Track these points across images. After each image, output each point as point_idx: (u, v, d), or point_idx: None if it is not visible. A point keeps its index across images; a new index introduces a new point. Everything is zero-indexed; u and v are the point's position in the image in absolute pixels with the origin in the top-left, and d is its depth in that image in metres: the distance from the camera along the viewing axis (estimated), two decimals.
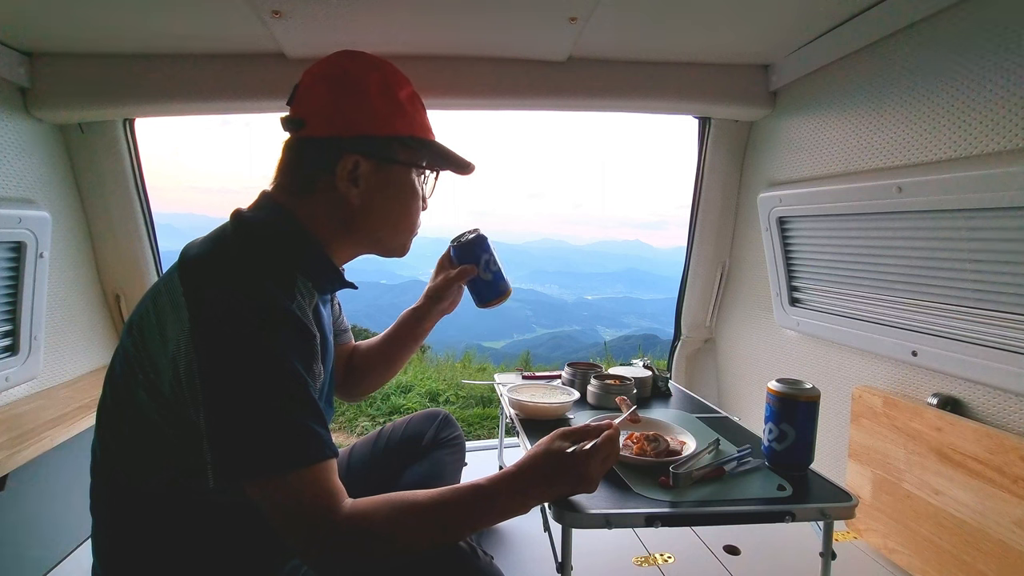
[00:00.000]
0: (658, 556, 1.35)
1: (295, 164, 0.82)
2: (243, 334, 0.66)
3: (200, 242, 0.78)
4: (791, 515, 0.86)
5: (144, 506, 0.76)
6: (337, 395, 1.17)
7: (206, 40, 1.44)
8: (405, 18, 1.33)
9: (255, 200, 0.82)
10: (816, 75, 1.50)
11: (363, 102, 0.79)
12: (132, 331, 0.74)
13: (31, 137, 1.49)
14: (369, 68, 0.81)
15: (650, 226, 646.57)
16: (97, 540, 0.80)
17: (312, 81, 0.81)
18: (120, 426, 0.76)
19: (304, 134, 0.80)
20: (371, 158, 0.80)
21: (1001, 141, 1.02)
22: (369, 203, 0.82)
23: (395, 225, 0.87)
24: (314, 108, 0.80)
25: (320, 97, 0.80)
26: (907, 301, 1.31)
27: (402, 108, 0.82)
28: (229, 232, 0.77)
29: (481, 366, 5.74)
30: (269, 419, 0.65)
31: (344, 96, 0.79)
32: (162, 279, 0.75)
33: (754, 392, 1.97)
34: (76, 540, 1.43)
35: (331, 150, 0.79)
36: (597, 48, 1.56)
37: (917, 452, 1.23)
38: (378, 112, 0.80)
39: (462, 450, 1.31)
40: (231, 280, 0.70)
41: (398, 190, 0.85)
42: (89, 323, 1.74)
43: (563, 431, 0.84)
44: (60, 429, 1.28)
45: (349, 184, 0.80)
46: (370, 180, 0.81)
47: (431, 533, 0.71)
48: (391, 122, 0.81)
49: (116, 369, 0.77)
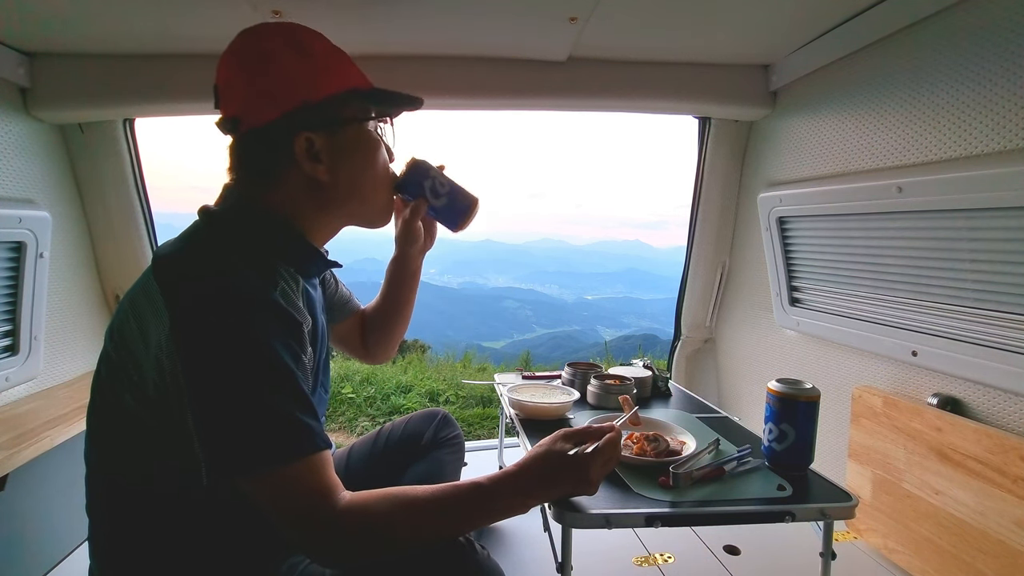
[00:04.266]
0: (658, 556, 1.35)
1: (249, 159, 0.79)
2: (224, 326, 0.64)
3: (172, 241, 0.77)
4: (791, 515, 0.86)
5: (141, 506, 0.76)
6: (366, 361, 1.24)
7: (206, 40, 1.44)
8: (405, 18, 1.33)
9: (219, 195, 0.80)
10: (816, 75, 1.50)
11: (283, 75, 0.75)
12: (113, 336, 0.73)
13: (31, 137, 1.49)
14: (271, 35, 0.77)
15: (650, 226, 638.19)
16: (94, 540, 0.79)
17: (226, 73, 0.77)
18: (111, 430, 0.75)
19: (244, 129, 0.77)
20: (320, 130, 0.76)
21: (1001, 141, 1.02)
22: (339, 173, 0.79)
23: (369, 185, 0.84)
24: (240, 101, 0.76)
25: (240, 88, 0.76)
26: (907, 301, 1.31)
27: (324, 65, 0.78)
28: (201, 228, 0.76)
29: (481, 366, 5.74)
30: (256, 413, 0.64)
31: (262, 77, 0.75)
32: (137, 283, 0.74)
33: (754, 392, 1.97)
34: (76, 540, 1.43)
35: (278, 135, 0.76)
36: (597, 48, 1.56)
37: (917, 452, 1.23)
38: (302, 78, 0.75)
39: (461, 450, 1.31)
40: (207, 273, 0.69)
41: (360, 149, 0.82)
42: (89, 323, 1.74)
43: (565, 432, 0.84)
44: (60, 429, 1.28)
45: (312, 163, 0.77)
46: (330, 151, 0.78)
47: (430, 529, 0.71)
48: (320, 84, 0.76)
49: (102, 374, 0.76)
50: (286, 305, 0.71)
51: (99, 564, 0.79)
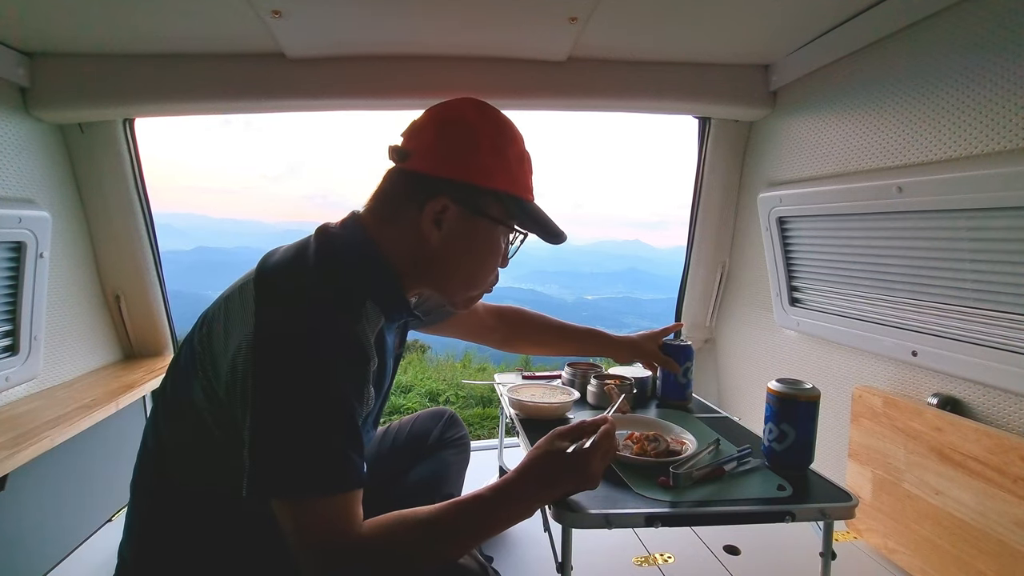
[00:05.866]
0: (658, 556, 1.35)
1: (389, 192, 0.82)
2: (297, 357, 0.67)
3: (282, 252, 0.79)
4: (791, 515, 0.86)
5: (184, 501, 0.78)
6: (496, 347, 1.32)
7: (206, 40, 1.44)
8: (405, 18, 1.33)
9: (343, 218, 0.84)
10: (816, 75, 1.50)
11: (470, 150, 0.79)
12: (203, 326, 0.76)
13: (31, 137, 1.49)
14: (486, 120, 0.82)
15: (650, 226, 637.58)
16: (133, 516, 0.82)
17: (429, 118, 0.82)
18: (175, 418, 0.78)
19: (406, 166, 0.80)
20: (461, 205, 0.79)
21: (1001, 141, 1.02)
22: (446, 249, 0.81)
23: (465, 277, 0.86)
24: (422, 143, 0.80)
25: (430, 134, 0.80)
26: (907, 301, 1.31)
27: (507, 165, 0.82)
28: (312, 246, 0.78)
29: (481, 366, 5.73)
30: (309, 441, 0.66)
31: (454, 140, 0.79)
32: (239, 281, 0.77)
33: (754, 392, 1.97)
34: (76, 540, 1.43)
35: (426, 187, 0.79)
36: (597, 48, 1.56)
37: (917, 452, 1.23)
38: (482, 164, 0.79)
39: (467, 450, 1.32)
40: (300, 300, 0.71)
41: (479, 243, 0.83)
42: (89, 323, 1.74)
43: (559, 431, 0.84)
44: (60, 429, 1.28)
45: (432, 224, 0.79)
46: (454, 226, 0.80)
47: (439, 548, 0.71)
48: (492, 176, 0.80)
49: (181, 361, 0.79)
50: (360, 340, 0.73)
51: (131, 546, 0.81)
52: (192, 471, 0.78)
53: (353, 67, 1.53)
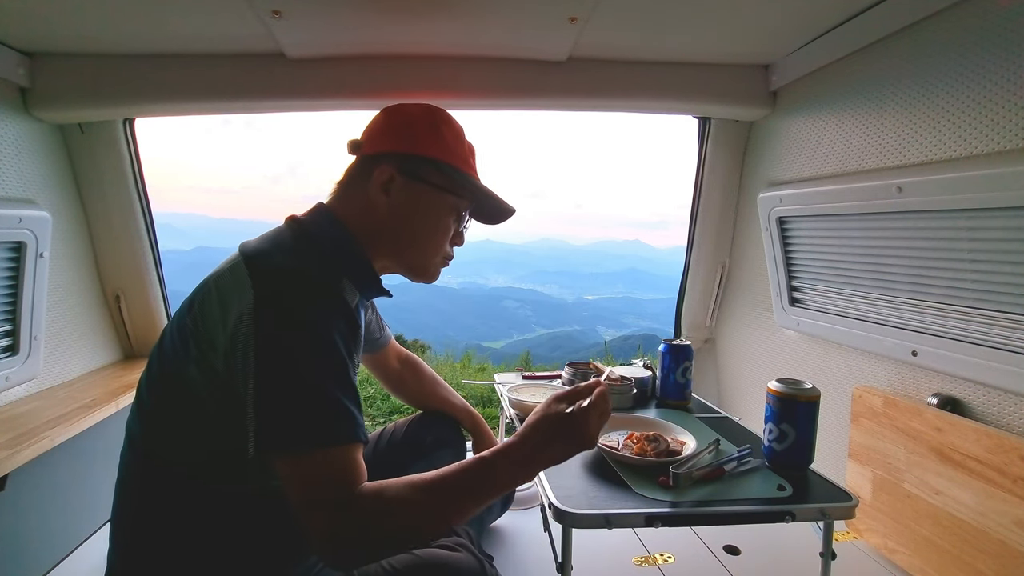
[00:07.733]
0: (658, 556, 1.35)
1: (347, 179, 0.92)
2: (302, 309, 0.71)
3: (257, 240, 0.84)
4: (791, 515, 0.86)
5: (172, 490, 0.78)
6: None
7: (206, 40, 1.44)
8: (405, 18, 1.33)
9: (310, 208, 0.91)
10: (816, 75, 1.50)
11: (409, 127, 0.90)
12: (192, 308, 0.78)
13: (31, 137, 1.49)
14: (428, 110, 0.93)
15: (650, 226, 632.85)
16: (119, 519, 0.81)
17: (380, 114, 0.93)
18: (162, 401, 0.79)
19: (359, 153, 0.91)
20: (404, 174, 0.87)
21: (1001, 141, 1.02)
22: (395, 216, 0.88)
23: (417, 244, 0.92)
24: (371, 132, 0.92)
25: (377, 123, 0.93)
26: (907, 301, 1.31)
27: (443, 139, 0.91)
28: (286, 232, 0.84)
29: (481, 366, 5.73)
30: (313, 392, 0.69)
31: (395, 121, 0.91)
32: (224, 265, 0.80)
33: (754, 392, 1.97)
34: (76, 540, 1.43)
35: (374, 162, 0.88)
36: (597, 48, 1.56)
37: (917, 452, 1.23)
38: (419, 137, 0.89)
39: (464, 452, 1.32)
40: (296, 265, 0.77)
41: (423, 209, 0.90)
42: (89, 323, 1.74)
43: (556, 395, 0.84)
44: (60, 429, 1.28)
45: (380, 191, 0.87)
46: (399, 194, 0.88)
47: (443, 508, 0.72)
48: (429, 147, 0.89)
49: (165, 344, 0.81)
50: (351, 305, 0.78)
51: (118, 543, 0.81)
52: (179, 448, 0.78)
53: (353, 67, 1.54)
